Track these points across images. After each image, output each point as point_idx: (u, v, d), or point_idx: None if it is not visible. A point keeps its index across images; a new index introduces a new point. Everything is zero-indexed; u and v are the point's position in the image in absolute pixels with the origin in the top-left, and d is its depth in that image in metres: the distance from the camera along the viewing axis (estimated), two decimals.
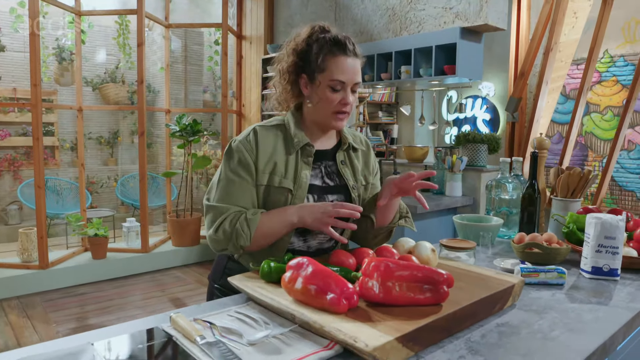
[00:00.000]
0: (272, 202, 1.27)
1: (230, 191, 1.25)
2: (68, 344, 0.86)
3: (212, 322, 0.96)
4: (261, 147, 1.27)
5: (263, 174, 1.26)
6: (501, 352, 0.88)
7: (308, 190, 1.28)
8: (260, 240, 1.23)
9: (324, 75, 1.24)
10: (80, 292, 3.91)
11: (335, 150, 1.37)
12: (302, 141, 1.29)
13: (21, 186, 5.49)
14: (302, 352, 0.86)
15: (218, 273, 1.40)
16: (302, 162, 1.29)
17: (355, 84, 1.26)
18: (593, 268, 1.33)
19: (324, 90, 1.24)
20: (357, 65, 1.27)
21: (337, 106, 1.25)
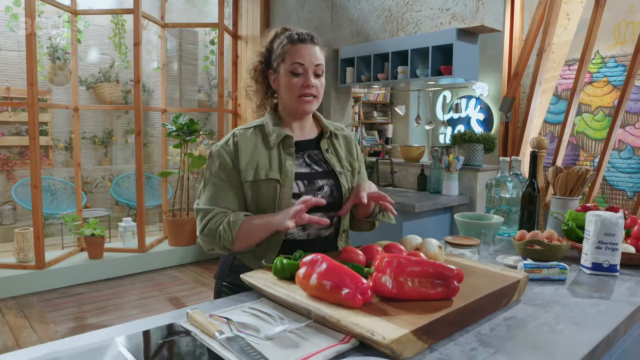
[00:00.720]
0: (263, 195, 1.33)
1: (214, 194, 1.33)
2: (90, 339, 0.88)
3: (229, 318, 0.98)
4: (242, 148, 1.34)
5: (247, 172, 1.33)
6: (511, 344, 0.92)
7: (296, 178, 1.34)
8: (242, 242, 1.29)
9: (285, 63, 1.34)
10: (77, 292, 3.90)
11: (318, 139, 1.45)
12: (280, 135, 1.36)
13: (15, 186, 5.46)
14: (319, 345, 0.88)
15: (225, 271, 1.43)
16: (284, 154, 1.36)
17: (316, 66, 1.34)
18: (593, 264, 1.36)
19: (287, 76, 1.33)
20: (315, 50, 1.35)
21: (301, 89, 1.33)
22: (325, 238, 1.41)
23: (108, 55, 6.46)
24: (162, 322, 1.00)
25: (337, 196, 1.39)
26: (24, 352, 0.83)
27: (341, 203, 1.39)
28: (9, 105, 5.49)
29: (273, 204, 1.32)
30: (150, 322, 1.00)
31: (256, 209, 1.35)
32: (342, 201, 1.40)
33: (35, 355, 0.77)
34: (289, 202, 1.32)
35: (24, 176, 5.82)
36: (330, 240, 1.43)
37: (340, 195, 1.39)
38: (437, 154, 3.36)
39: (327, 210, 1.37)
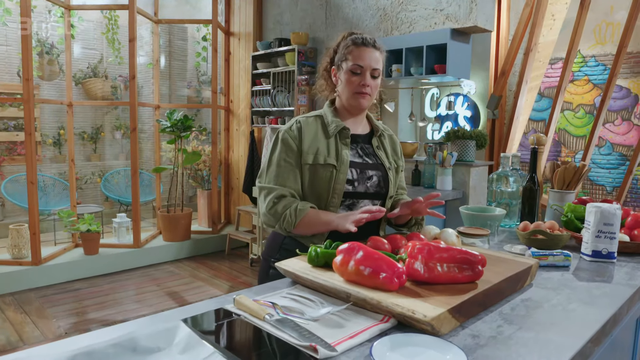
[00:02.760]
0: (320, 178, 1.47)
1: (278, 174, 1.47)
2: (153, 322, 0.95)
3: (275, 302, 1.06)
4: (304, 134, 1.49)
5: (307, 155, 1.47)
6: (531, 322, 1.02)
7: (350, 166, 1.49)
8: (302, 229, 1.44)
9: (347, 63, 1.49)
10: (75, 287, 3.92)
11: (369, 136, 1.62)
12: (339, 126, 1.51)
13: (5, 182, 5.41)
14: (362, 325, 0.97)
15: (275, 249, 1.55)
16: (341, 143, 1.51)
17: (374, 69, 1.49)
18: (593, 252, 1.48)
19: (347, 74, 1.49)
20: (375, 54, 1.50)
21: (358, 87, 1.48)
22: (368, 224, 1.51)
23: (96, 50, 6.43)
24: (207, 309, 1.07)
25: (384, 187, 1.54)
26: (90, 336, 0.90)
27: (386, 194, 1.55)
28: (6, 101, 5.42)
29: (328, 187, 1.46)
30: (197, 308, 1.08)
31: (312, 190, 1.48)
32: (387, 193, 1.56)
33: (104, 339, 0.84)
34: (343, 187, 1.47)
35: (12, 172, 5.77)
36: (372, 227, 1.56)
37: (386, 187, 1.55)
38: (431, 150, 3.47)
39: (373, 199, 1.53)
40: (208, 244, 5.00)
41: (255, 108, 4.95)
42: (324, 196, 1.47)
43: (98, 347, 0.77)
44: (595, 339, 1.00)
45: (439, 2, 3.43)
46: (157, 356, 0.79)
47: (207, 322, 1.00)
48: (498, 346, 0.91)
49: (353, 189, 1.49)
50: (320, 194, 1.47)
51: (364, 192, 1.51)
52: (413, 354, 0.86)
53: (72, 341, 0.85)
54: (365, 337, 0.92)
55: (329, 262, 1.19)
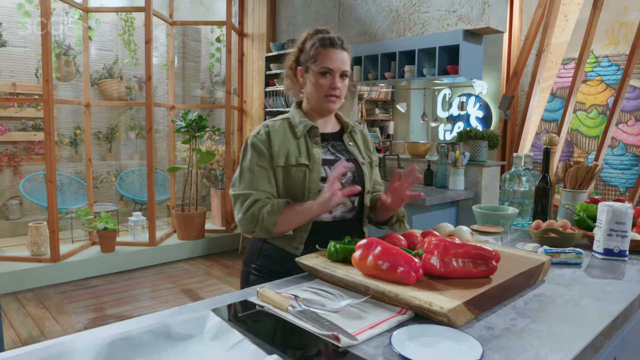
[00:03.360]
0: (293, 179, 1.45)
1: (251, 179, 1.45)
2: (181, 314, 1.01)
3: (297, 295, 1.11)
4: (273, 137, 1.47)
5: (279, 157, 1.45)
6: (544, 316, 1.06)
7: (323, 164, 1.47)
8: (283, 225, 1.41)
9: (316, 64, 1.47)
10: (93, 284, 4.01)
11: (340, 134, 1.60)
12: (307, 125, 1.49)
13: (23, 181, 5.53)
14: (381, 317, 1.02)
15: (254, 255, 1.55)
16: (311, 142, 1.49)
17: (343, 71, 1.47)
18: (605, 250, 1.51)
19: (316, 76, 1.47)
20: (344, 56, 1.48)
21: (327, 90, 1.47)
22: (348, 220, 1.54)
23: (112, 51, 6.53)
24: (232, 300, 1.12)
25: (359, 183, 1.52)
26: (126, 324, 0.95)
27: (363, 190, 1.53)
28: (17, 101, 5.54)
29: (303, 187, 1.44)
30: (222, 300, 1.13)
31: (287, 192, 1.46)
32: (363, 188, 1.53)
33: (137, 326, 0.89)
34: (318, 186, 1.44)
35: (29, 171, 5.89)
36: (353, 223, 1.56)
37: (362, 183, 1.53)
38: (444, 150, 3.50)
39: (349, 196, 1.50)
40: (222, 243, 5.07)
41: (269, 108, 5.01)
42: (299, 197, 1.45)
43: (134, 333, 0.82)
44: (606, 332, 1.03)
45: (451, 3, 3.46)
46: (189, 342, 0.84)
47: (232, 313, 1.05)
48: (512, 337, 0.95)
49: None
50: (295, 195, 1.45)
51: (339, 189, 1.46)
52: (431, 343, 0.90)
53: (108, 329, 0.91)
54: (384, 327, 0.97)
55: (348, 257, 1.24)
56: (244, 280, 1.57)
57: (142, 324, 0.90)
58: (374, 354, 0.87)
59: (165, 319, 0.88)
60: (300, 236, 1.46)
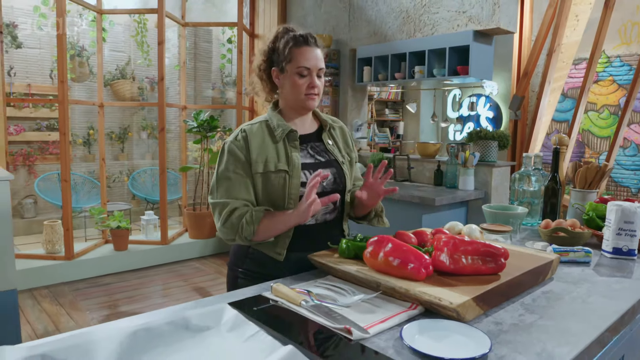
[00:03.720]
0: (273, 185, 1.43)
1: (229, 187, 1.41)
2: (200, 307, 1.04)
3: (310, 290, 1.14)
4: (251, 143, 1.43)
5: (257, 164, 1.42)
6: (552, 312, 1.08)
7: (302, 168, 1.45)
8: (263, 234, 1.38)
9: (292, 65, 1.43)
10: (106, 282, 4.07)
11: (318, 133, 1.57)
12: (285, 129, 1.46)
13: (38, 180, 5.61)
14: (392, 311, 1.04)
15: (240, 259, 1.52)
16: (290, 147, 1.46)
17: (319, 69, 1.46)
18: (614, 249, 1.52)
19: (293, 77, 1.43)
20: (319, 53, 1.47)
21: (307, 89, 1.44)
22: (330, 222, 1.53)
23: (124, 52, 6.61)
24: (246, 295, 1.16)
25: (340, 183, 1.52)
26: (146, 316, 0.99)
27: (344, 190, 1.52)
28: (32, 102, 5.63)
29: (283, 194, 1.42)
30: (236, 294, 1.17)
31: (267, 198, 1.44)
32: (344, 188, 1.53)
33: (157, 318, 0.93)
34: (298, 191, 1.42)
35: (44, 171, 5.98)
36: (335, 223, 1.55)
37: (343, 183, 1.52)
38: (454, 151, 3.51)
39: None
40: None
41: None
42: (279, 203, 1.43)
43: (155, 324, 0.86)
44: (613, 329, 1.05)
45: (461, 4, 3.47)
46: (207, 334, 0.87)
47: (247, 307, 1.08)
48: (520, 332, 0.97)
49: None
50: (276, 201, 1.43)
51: (320, 192, 1.44)
52: (440, 337, 0.93)
53: (130, 320, 0.94)
54: (395, 322, 1.00)
55: (359, 254, 1.27)
56: (231, 284, 1.53)
57: (162, 316, 0.94)
58: (385, 347, 0.90)
59: (183, 311, 0.91)
60: (283, 242, 1.45)
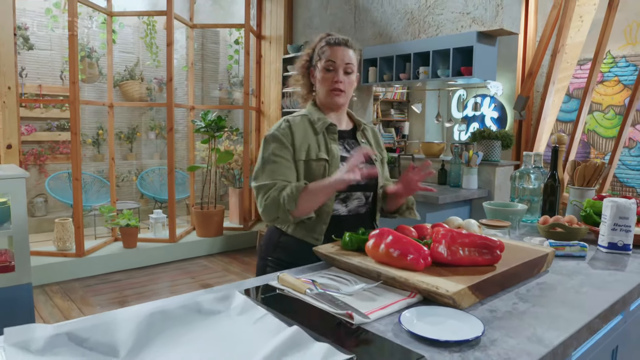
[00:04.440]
0: (314, 173, 1.53)
1: (273, 170, 1.50)
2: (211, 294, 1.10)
3: (314, 280, 1.20)
4: (295, 132, 1.55)
5: (300, 152, 1.53)
6: (544, 301, 1.13)
7: (340, 160, 1.56)
8: (305, 204, 1.43)
9: (322, 61, 1.58)
10: (115, 278, 4.15)
11: (353, 131, 1.69)
12: (325, 122, 1.58)
13: (48, 179, 5.71)
14: (391, 299, 1.10)
15: (271, 247, 1.62)
16: (329, 139, 1.58)
17: (346, 64, 1.57)
18: (609, 244, 1.57)
19: (322, 72, 1.58)
20: (348, 52, 1.58)
21: (332, 84, 1.56)
22: (362, 215, 1.63)
23: (133, 53, 6.70)
24: (254, 285, 1.22)
25: (373, 178, 1.61)
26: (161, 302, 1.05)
27: (376, 185, 1.63)
28: (43, 102, 5.72)
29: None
30: (244, 284, 1.23)
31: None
32: (376, 184, 1.63)
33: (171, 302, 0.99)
34: None
35: (54, 170, 6.08)
36: (367, 216, 1.66)
37: (375, 179, 1.63)
38: (458, 150, 3.56)
39: (364, 190, 1.62)
40: (239, 240, 5.19)
41: (286, 109, 5.12)
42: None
43: (170, 307, 0.92)
44: (603, 317, 1.10)
45: (465, 5, 3.52)
46: (218, 317, 0.94)
47: (255, 295, 1.14)
48: (512, 319, 1.03)
49: None
50: None
51: (355, 184, 1.48)
52: (436, 322, 0.99)
53: (146, 305, 1.01)
54: (394, 308, 1.05)
55: (361, 247, 1.33)
56: (261, 272, 1.63)
57: (176, 302, 1.00)
58: (384, 330, 0.96)
59: (195, 297, 0.97)
60: (320, 228, 1.54)
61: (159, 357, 0.79)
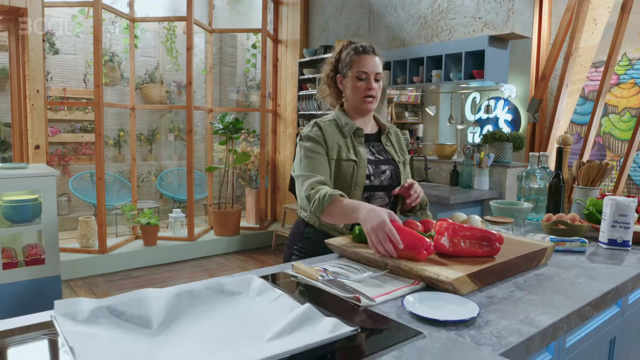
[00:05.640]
0: (343, 173, 1.64)
1: (311, 164, 1.63)
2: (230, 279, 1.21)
3: (326, 268, 1.30)
4: (326, 133, 1.67)
5: (332, 151, 1.65)
6: (540, 290, 1.21)
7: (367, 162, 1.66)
8: (328, 217, 1.53)
9: (352, 70, 1.68)
10: (136, 275, 4.30)
11: (378, 135, 1.79)
12: (352, 126, 1.69)
13: (72, 179, 5.91)
14: (397, 286, 1.20)
15: (297, 237, 1.75)
16: (356, 142, 1.69)
17: (376, 73, 1.68)
18: (609, 240, 1.64)
19: (354, 81, 1.68)
20: (376, 60, 1.69)
21: (365, 91, 1.67)
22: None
23: (153, 57, 6.89)
24: (270, 272, 1.33)
25: (396, 179, 1.74)
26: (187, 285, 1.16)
27: (398, 186, 1.73)
28: (67, 105, 5.93)
29: (350, 181, 1.64)
30: (259, 272, 1.33)
31: (336, 183, 1.65)
32: (399, 184, 1.74)
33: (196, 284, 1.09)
34: (364, 180, 1.65)
35: (77, 170, 6.29)
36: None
37: (398, 179, 1.74)
38: (469, 152, 3.63)
39: (387, 191, 1.73)
40: (256, 239, 5.31)
41: (302, 112, 5.23)
42: (346, 190, 1.62)
43: (195, 287, 1.03)
44: (595, 305, 1.18)
45: (477, 10, 3.59)
46: (238, 297, 1.04)
47: (271, 280, 1.25)
48: (508, 305, 1.11)
49: (370, 183, 1.67)
50: (343, 187, 1.63)
51: (379, 185, 1.68)
52: (436, 305, 1.08)
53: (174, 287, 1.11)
54: (398, 294, 1.15)
55: None
56: (287, 260, 1.76)
57: (200, 284, 1.11)
58: (388, 312, 1.05)
59: (218, 280, 1.08)
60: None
61: (187, 329, 0.90)
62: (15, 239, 3.04)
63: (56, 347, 0.85)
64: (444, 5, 3.83)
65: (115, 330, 0.87)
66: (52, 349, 0.86)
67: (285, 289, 1.14)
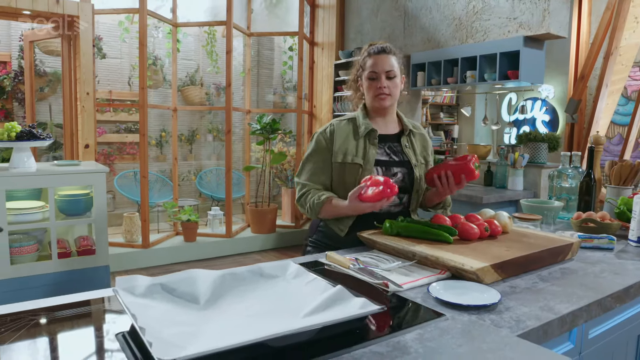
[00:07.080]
0: (348, 174, 1.70)
1: (312, 171, 1.75)
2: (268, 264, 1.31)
3: (357, 258, 1.39)
4: (336, 136, 1.74)
5: (337, 154, 1.71)
6: (563, 282, 1.27)
7: (376, 164, 1.70)
8: (325, 215, 1.70)
9: (366, 71, 1.75)
10: (177, 269, 4.48)
11: (399, 135, 1.81)
12: (367, 128, 1.74)
13: (117, 177, 6.19)
14: (423, 275, 1.27)
15: (312, 231, 1.86)
16: (369, 144, 1.72)
17: (387, 71, 1.71)
18: (638, 238, 1.66)
19: (366, 81, 1.75)
20: (388, 58, 1.72)
21: (376, 90, 1.72)
22: (393, 214, 1.73)
23: (194, 61, 7.13)
24: (306, 260, 1.42)
25: (408, 182, 1.74)
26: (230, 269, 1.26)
27: (412, 189, 1.75)
28: (113, 107, 6.22)
29: (355, 183, 1.66)
30: (295, 261, 1.43)
31: (341, 183, 1.72)
32: (412, 187, 1.74)
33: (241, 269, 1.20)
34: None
35: (121, 169, 6.57)
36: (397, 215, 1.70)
37: (411, 182, 1.74)
38: (504, 152, 3.63)
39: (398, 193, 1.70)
40: (291, 237, 5.44)
41: (337, 112, 5.32)
42: (351, 189, 1.62)
43: (238, 270, 1.14)
44: (617, 297, 1.22)
45: (512, 11, 3.60)
46: (276, 280, 1.14)
47: (307, 266, 1.34)
48: (530, 294, 1.17)
49: None
50: (348, 187, 1.66)
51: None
52: (460, 293, 1.15)
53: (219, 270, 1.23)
54: (425, 282, 1.23)
55: (400, 232, 1.50)
56: (303, 251, 1.87)
57: (243, 268, 1.22)
58: (414, 297, 1.13)
59: (258, 265, 1.18)
60: (347, 221, 1.70)
61: (230, 305, 1.01)
62: (68, 231, 3.26)
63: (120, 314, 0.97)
64: (479, 7, 3.85)
65: (168, 304, 0.98)
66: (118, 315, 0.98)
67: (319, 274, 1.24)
